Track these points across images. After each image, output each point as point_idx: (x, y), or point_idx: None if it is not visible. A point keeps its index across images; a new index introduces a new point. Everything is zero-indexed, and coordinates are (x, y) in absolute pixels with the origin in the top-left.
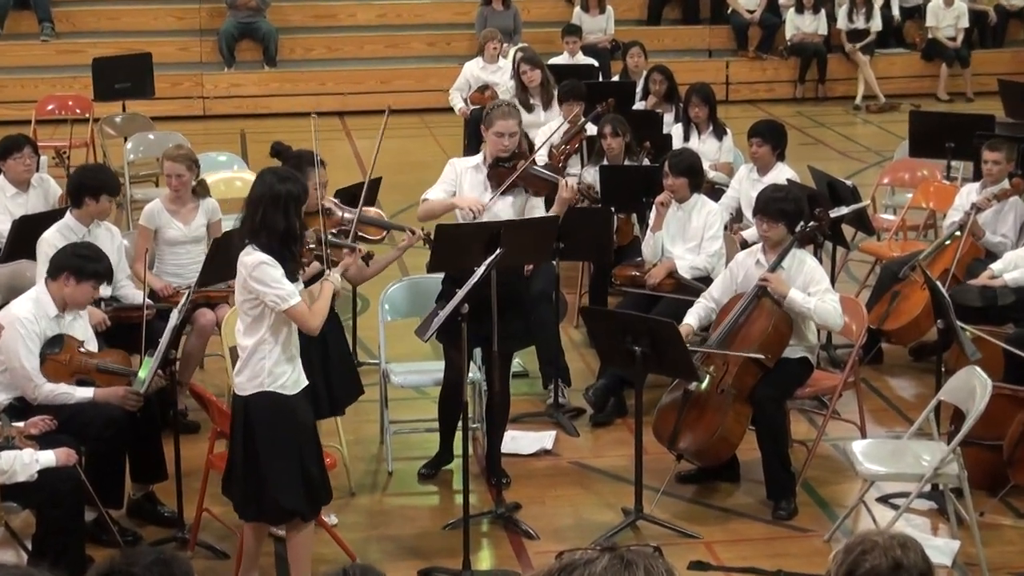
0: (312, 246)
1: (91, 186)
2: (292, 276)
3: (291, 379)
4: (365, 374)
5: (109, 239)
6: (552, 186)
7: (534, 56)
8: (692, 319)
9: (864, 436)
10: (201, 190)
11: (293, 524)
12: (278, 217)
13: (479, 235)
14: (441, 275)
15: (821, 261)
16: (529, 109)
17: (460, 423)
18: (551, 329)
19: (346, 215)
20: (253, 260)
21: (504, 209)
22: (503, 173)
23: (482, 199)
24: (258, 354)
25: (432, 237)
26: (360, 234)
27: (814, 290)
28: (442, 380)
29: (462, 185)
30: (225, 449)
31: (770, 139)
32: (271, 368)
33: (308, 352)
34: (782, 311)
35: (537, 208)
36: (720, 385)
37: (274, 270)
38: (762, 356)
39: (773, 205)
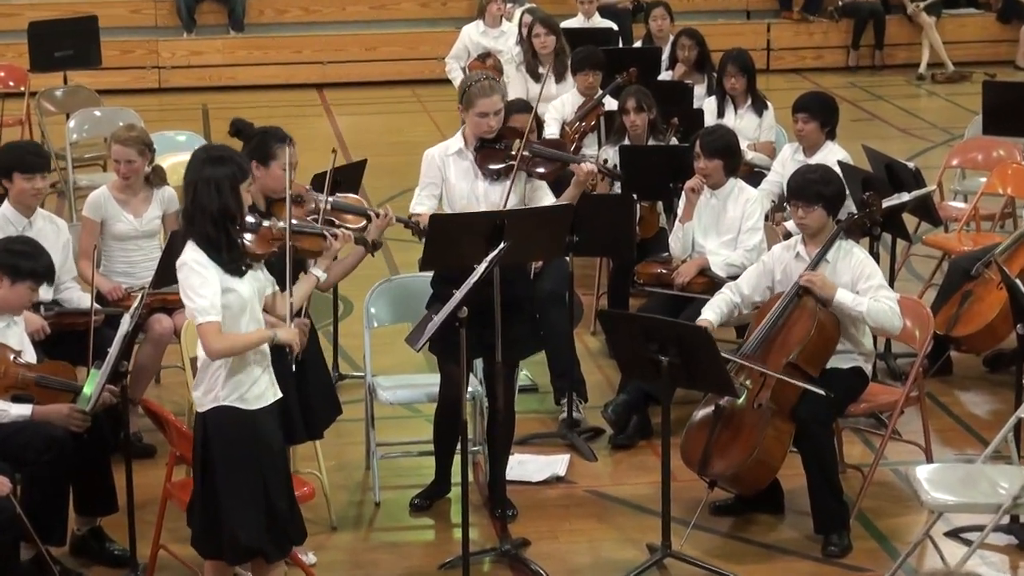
0: (278, 237)
1: (1, 165)
2: (235, 265)
3: (253, 391)
4: (348, 389)
5: (54, 233)
6: (560, 167)
7: (550, 19)
8: (712, 314)
9: (930, 460)
10: (156, 178)
11: (256, 564)
12: (210, 197)
13: (480, 227)
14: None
15: (879, 257)
16: (537, 79)
17: (459, 446)
18: (564, 336)
19: (320, 202)
20: (180, 261)
21: (499, 198)
22: (495, 155)
23: (475, 189)
24: (213, 364)
25: (425, 228)
26: (336, 223)
27: (864, 287)
28: (437, 396)
29: (448, 178)
30: (186, 476)
31: (818, 114)
32: (227, 378)
33: (278, 366)
34: (827, 312)
35: (543, 194)
36: (756, 399)
37: (194, 276)
38: (819, 389)
39: (807, 188)
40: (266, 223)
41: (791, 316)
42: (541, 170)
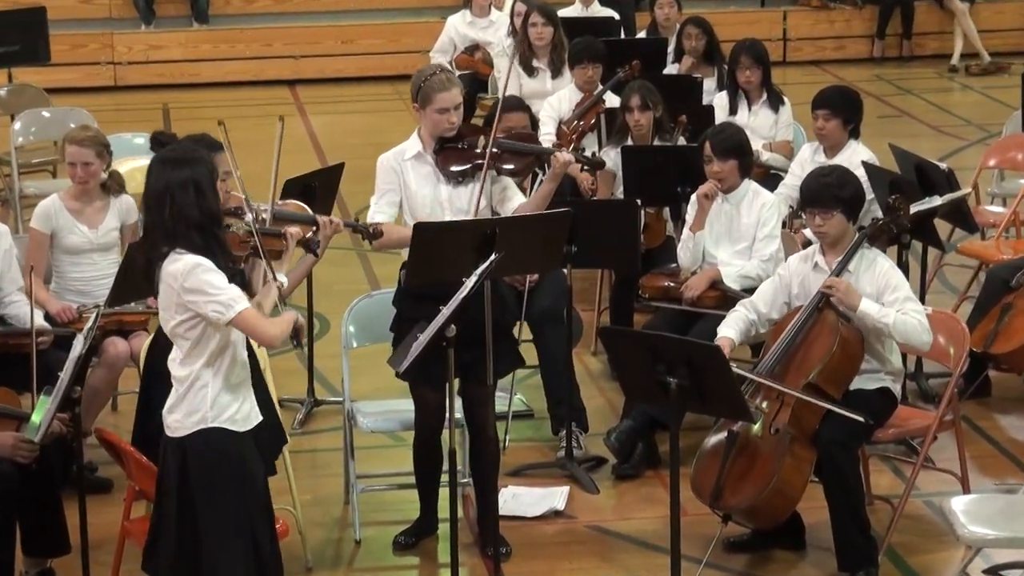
0: (245, 239)
1: None
2: (227, 271)
3: (241, 412)
4: (324, 416)
5: None
6: (531, 161)
7: (548, 7)
8: (731, 331)
9: (966, 490)
10: (114, 185)
11: None
12: (190, 203)
13: (469, 236)
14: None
15: (908, 267)
16: (531, 73)
17: (446, 478)
18: (561, 358)
19: (262, 212)
20: (184, 266)
21: (467, 202)
22: (458, 155)
23: (438, 195)
24: (198, 383)
25: (374, 230)
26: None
27: (890, 298)
28: (414, 427)
29: (408, 184)
30: (146, 513)
31: (840, 111)
32: (215, 398)
33: None
34: (850, 327)
35: (512, 193)
36: (773, 424)
37: (213, 274)
38: (848, 411)
39: (823, 192)
40: (232, 227)
41: (811, 332)
42: (511, 167)
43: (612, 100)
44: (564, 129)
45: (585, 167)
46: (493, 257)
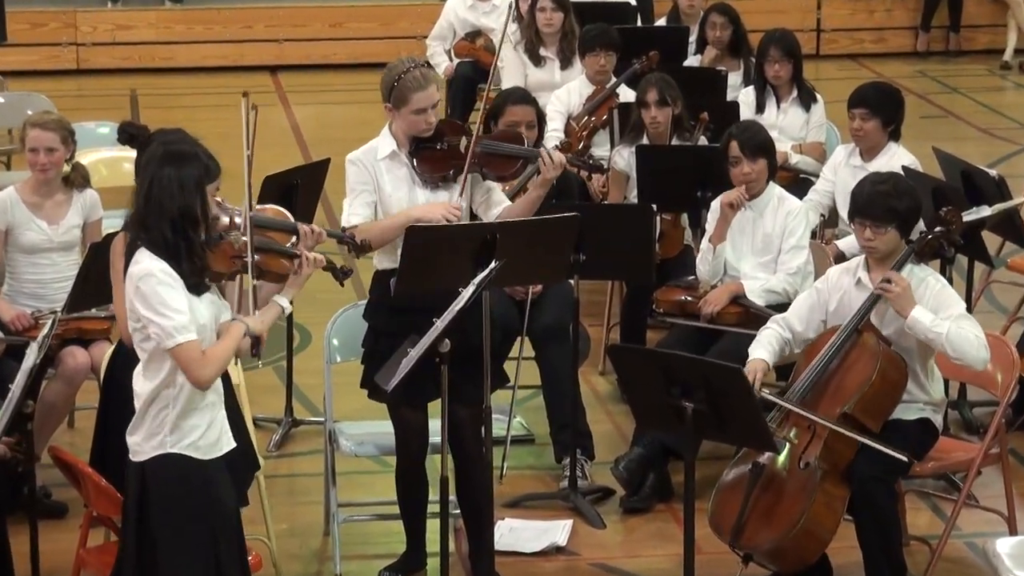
0: (239, 253)
1: None
2: (196, 280)
3: (208, 436)
4: (303, 438)
5: None
6: (520, 165)
7: None
8: (764, 352)
9: (1013, 531)
10: (77, 178)
11: None
12: (170, 195)
13: (467, 242)
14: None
15: (952, 283)
16: (538, 62)
17: (439, 508)
18: (566, 378)
19: (236, 217)
20: (140, 270)
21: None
22: (436, 157)
23: (414, 199)
24: (159, 402)
25: (362, 243)
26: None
27: (943, 316)
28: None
29: (382, 186)
30: (105, 541)
31: (880, 110)
32: (177, 421)
33: None
34: (892, 353)
35: (498, 198)
36: (803, 457)
37: (164, 289)
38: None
39: (879, 202)
40: (230, 236)
41: (848, 356)
42: (496, 172)
43: (626, 94)
44: (573, 125)
45: (582, 171)
46: (493, 265)
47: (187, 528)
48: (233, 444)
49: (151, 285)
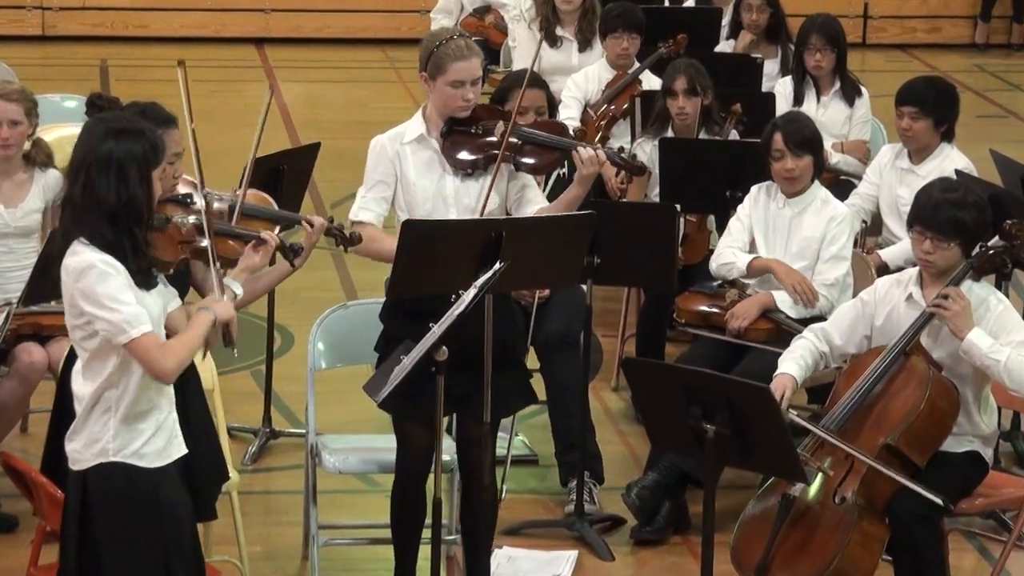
0: (188, 239)
1: None
2: (144, 276)
3: (154, 443)
4: (281, 451)
5: None
6: (557, 157)
7: None
8: (794, 366)
9: None
10: (39, 155)
11: None
12: (109, 185)
13: (470, 240)
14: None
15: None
16: (554, 43)
17: (431, 534)
18: (574, 393)
19: (217, 202)
20: (79, 262)
21: (476, 199)
22: (469, 141)
23: (442, 188)
24: (100, 406)
25: (351, 236)
26: (240, 232)
27: (1004, 341)
28: (394, 470)
29: (406, 173)
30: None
31: (932, 108)
32: (120, 426)
33: None
34: (944, 380)
35: (533, 195)
36: (839, 491)
37: (108, 280)
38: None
39: (945, 212)
40: (176, 219)
41: (894, 381)
42: (532, 161)
43: (650, 81)
44: (590, 114)
45: (622, 171)
46: (497, 267)
47: (134, 543)
48: (184, 451)
49: (91, 279)
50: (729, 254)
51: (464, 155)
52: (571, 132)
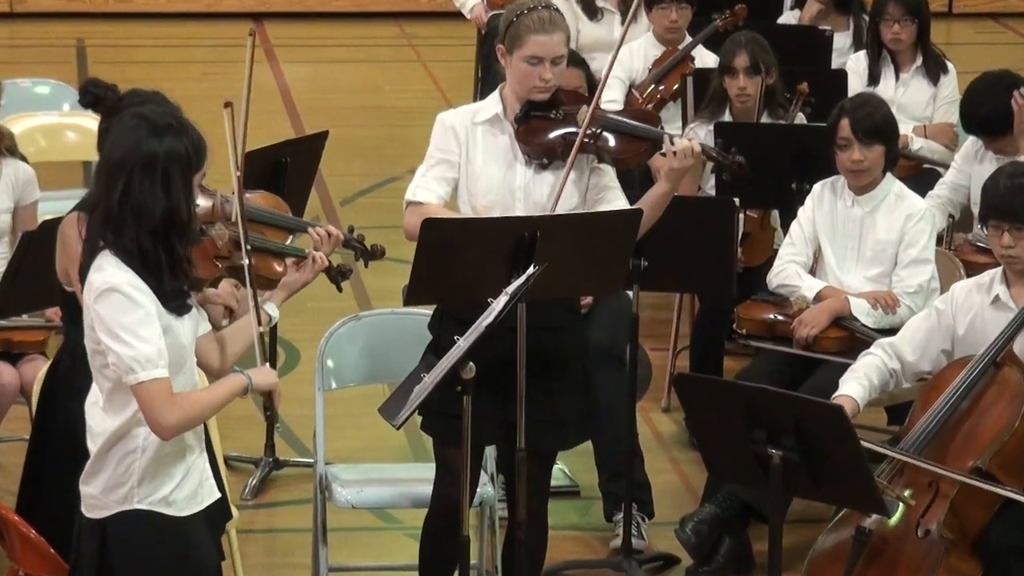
0: (224, 253)
1: None
2: (177, 300)
3: (183, 489)
4: (286, 483)
5: None
6: (647, 148)
7: None
8: (855, 388)
9: None
10: (2, 147)
11: None
12: (155, 192)
13: (500, 239)
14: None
15: None
16: (594, 15)
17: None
18: (620, 414)
19: (226, 205)
20: (101, 282)
21: (548, 195)
22: (548, 127)
23: (511, 179)
24: (124, 444)
25: (374, 248)
26: (285, 249)
27: None
28: (427, 498)
29: (473, 158)
30: None
31: None
32: (147, 469)
33: None
34: None
35: (613, 194)
36: (922, 523)
37: (129, 310)
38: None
39: (1020, 199)
40: (213, 231)
41: (983, 396)
42: (616, 152)
43: (704, 58)
44: (636, 95)
45: (722, 168)
46: (531, 271)
47: None
48: (217, 495)
49: (113, 303)
50: (793, 274)
51: (540, 142)
52: (661, 121)
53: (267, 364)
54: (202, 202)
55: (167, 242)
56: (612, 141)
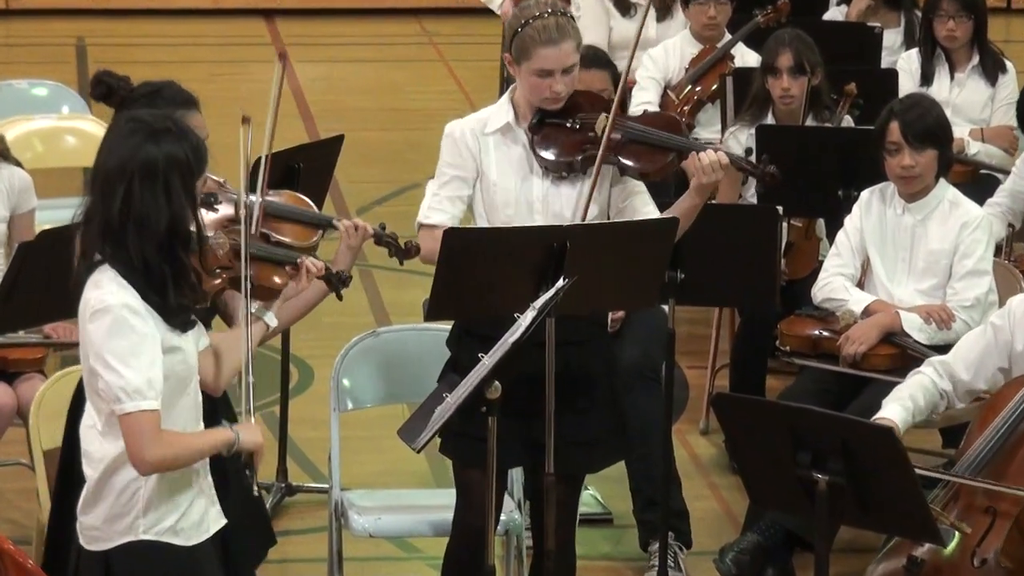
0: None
1: None
2: (182, 314)
3: (190, 516)
4: (300, 509)
5: None
6: (672, 160)
7: None
8: (897, 410)
9: None
10: None
11: None
12: (158, 202)
13: (527, 250)
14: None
15: None
16: (626, 11)
17: None
18: (655, 436)
19: (252, 205)
20: (96, 300)
21: (570, 207)
22: (564, 136)
23: (528, 191)
24: (126, 471)
25: (408, 245)
26: (272, 237)
27: None
28: (448, 525)
29: (486, 171)
30: None
31: None
32: (152, 498)
33: None
34: None
35: (641, 204)
36: (979, 552)
37: (122, 334)
38: None
39: None
40: (212, 240)
41: None
42: (638, 164)
43: (744, 57)
44: (671, 97)
45: (750, 176)
46: (561, 284)
47: None
48: (223, 521)
49: (105, 325)
50: (839, 287)
51: (557, 153)
52: (685, 129)
53: (252, 419)
54: (223, 209)
55: (171, 254)
56: (634, 153)
